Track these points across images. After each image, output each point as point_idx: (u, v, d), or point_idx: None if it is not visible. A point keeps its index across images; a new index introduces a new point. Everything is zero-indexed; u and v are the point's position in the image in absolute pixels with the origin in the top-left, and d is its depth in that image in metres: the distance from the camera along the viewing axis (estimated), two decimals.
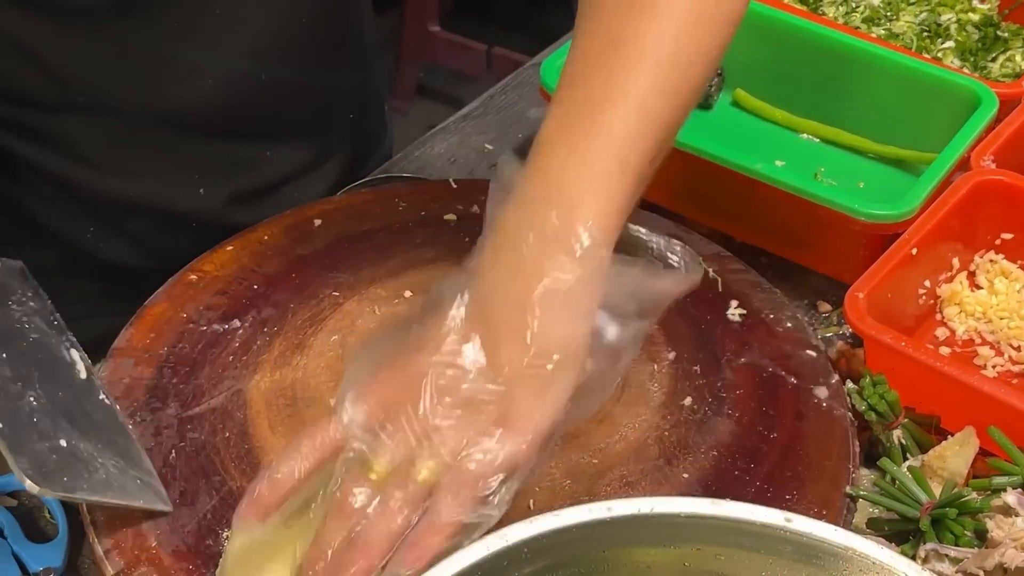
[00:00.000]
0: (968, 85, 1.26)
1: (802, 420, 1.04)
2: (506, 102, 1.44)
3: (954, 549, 0.93)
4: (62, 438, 0.93)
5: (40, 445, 0.91)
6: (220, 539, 0.94)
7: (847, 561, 0.74)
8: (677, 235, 1.20)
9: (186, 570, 0.92)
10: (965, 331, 1.16)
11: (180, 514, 0.95)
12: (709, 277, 1.16)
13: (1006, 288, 1.18)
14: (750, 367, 1.08)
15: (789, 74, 1.35)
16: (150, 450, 1.00)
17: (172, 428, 1.02)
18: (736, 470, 1.00)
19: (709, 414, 1.04)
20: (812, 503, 0.97)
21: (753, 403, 1.05)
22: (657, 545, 0.76)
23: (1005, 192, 1.18)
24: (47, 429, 0.93)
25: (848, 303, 1.07)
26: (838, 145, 1.34)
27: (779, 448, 1.02)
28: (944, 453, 1.01)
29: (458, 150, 1.38)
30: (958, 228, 1.17)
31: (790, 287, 1.20)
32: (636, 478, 0.99)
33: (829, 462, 1.01)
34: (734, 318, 1.12)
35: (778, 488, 0.98)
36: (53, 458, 0.91)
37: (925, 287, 1.16)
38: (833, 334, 1.17)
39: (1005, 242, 1.20)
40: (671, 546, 0.76)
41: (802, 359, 1.09)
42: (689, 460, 1.00)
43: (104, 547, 0.93)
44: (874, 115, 1.32)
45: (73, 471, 0.91)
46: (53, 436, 0.92)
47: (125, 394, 1.04)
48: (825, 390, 1.06)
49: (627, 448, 1.01)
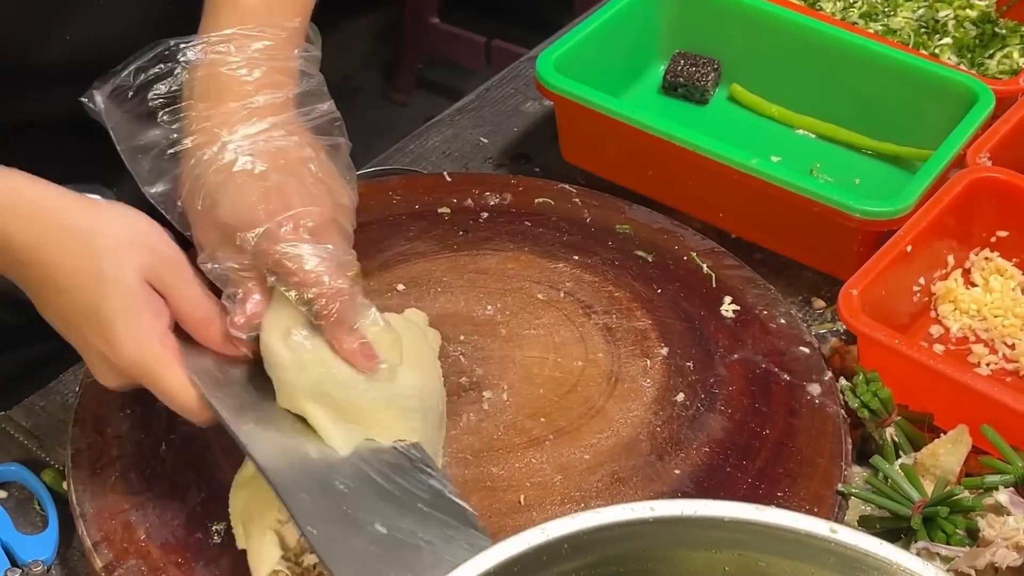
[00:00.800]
0: (964, 82, 1.26)
1: (795, 417, 1.03)
2: (501, 95, 1.44)
3: (945, 548, 0.93)
4: (378, 523, 0.85)
5: (357, 540, 0.84)
6: (209, 532, 0.93)
7: (890, 575, 0.73)
8: (670, 230, 1.20)
9: (175, 563, 0.92)
10: (959, 329, 1.15)
11: (169, 507, 0.95)
12: (703, 272, 1.16)
13: (1001, 286, 1.17)
14: (743, 363, 1.08)
15: (786, 69, 1.35)
16: (140, 442, 0.99)
17: (162, 421, 1.01)
18: (728, 466, 1.00)
19: (701, 410, 1.04)
20: (804, 500, 0.97)
21: (746, 399, 1.05)
22: (699, 548, 0.75)
23: (1001, 189, 1.18)
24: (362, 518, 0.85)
25: (842, 300, 1.07)
26: (834, 141, 1.33)
27: (771, 445, 1.01)
28: (937, 451, 1.00)
29: (453, 143, 1.37)
30: (953, 225, 1.17)
31: (784, 283, 1.20)
32: (627, 474, 0.99)
33: (821, 459, 1.00)
34: (727, 314, 1.12)
35: (770, 485, 0.98)
36: (372, 551, 0.83)
37: (920, 284, 1.16)
38: (827, 331, 1.16)
39: (1000, 239, 1.20)
40: (713, 550, 0.75)
41: (795, 356, 1.08)
42: (681, 456, 1.00)
43: (93, 539, 0.93)
44: (870, 111, 1.31)
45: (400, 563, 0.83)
46: (369, 525, 0.85)
47: None
48: (818, 387, 1.06)
49: (618, 444, 1.01)
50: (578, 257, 1.17)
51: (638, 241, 1.19)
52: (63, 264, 0.88)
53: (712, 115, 1.37)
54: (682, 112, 1.37)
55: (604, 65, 1.33)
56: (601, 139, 1.27)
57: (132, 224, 0.91)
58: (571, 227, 1.20)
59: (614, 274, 1.15)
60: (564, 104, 1.26)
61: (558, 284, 1.14)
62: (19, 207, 0.89)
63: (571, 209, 1.22)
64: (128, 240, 0.89)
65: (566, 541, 0.72)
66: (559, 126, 1.31)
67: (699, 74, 1.37)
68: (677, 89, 1.38)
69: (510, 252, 1.16)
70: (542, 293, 1.13)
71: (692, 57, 1.38)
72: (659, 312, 1.12)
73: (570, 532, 0.72)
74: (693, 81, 1.37)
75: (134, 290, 0.89)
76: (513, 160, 1.35)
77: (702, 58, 1.37)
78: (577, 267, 1.16)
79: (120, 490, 0.96)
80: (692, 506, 0.74)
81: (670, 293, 1.14)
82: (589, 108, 1.23)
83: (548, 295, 1.13)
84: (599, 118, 1.23)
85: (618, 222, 1.21)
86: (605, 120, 1.22)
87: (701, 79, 1.37)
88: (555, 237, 1.19)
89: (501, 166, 1.35)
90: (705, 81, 1.37)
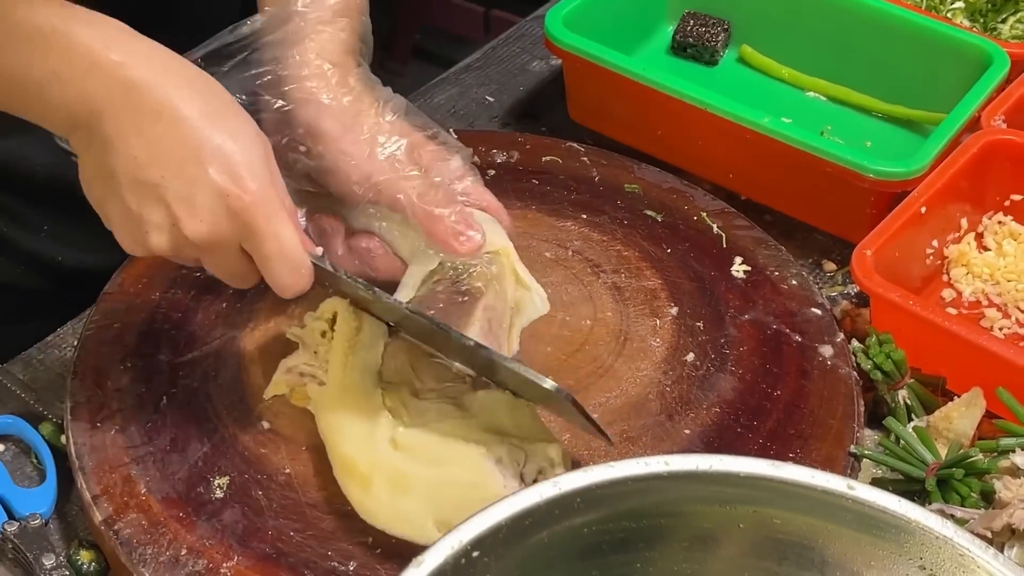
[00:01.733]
0: (979, 44, 1.24)
1: (806, 378, 1.02)
2: (508, 54, 1.42)
3: (960, 509, 0.92)
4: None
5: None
6: (211, 486, 0.92)
7: (909, 534, 0.71)
8: (680, 190, 1.19)
9: (176, 517, 0.90)
10: (972, 293, 1.14)
11: (170, 460, 0.94)
12: (713, 233, 1.14)
13: (1014, 250, 1.16)
14: (754, 324, 1.06)
15: (796, 31, 1.33)
16: (141, 396, 0.98)
17: (163, 374, 1.00)
18: (739, 427, 0.98)
19: (712, 370, 1.02)
20: (816, 461, 0.95)
21: (757, 360, 1.03)
22: (713, 505, 0.73)
23: (1015, 153, 1.16)
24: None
25: (855, 260, 1.05)
26: (845, 104, 1.32)
27: (783, 406, 1.00)
28: (950, 414, 0.99)
29: (459, 101, 1.35)
30: (967, 188, 1.15)
31: (795, 245, 1.18)
32: (636, 433, 0.97)
33: (833, 421, 0.99)
34: (738, 274, 1.10)
35: (782, 446, 0.97)
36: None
37: (933, 247, 1.14)
38: (838, 293, 1.15)
39: (1014, 203, 1.18)
40: (727, 507, 0.73)
41: (807, 317, 1.07)
42: (691, 416, 0.99)
43: (92, 493, 0.91)
44: (883, 74, 1.29)
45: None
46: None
47: (115, 339, 1.02)
48: (830, 348, 1.04)
49: (627, 403, 0.99)
50: (586, 216, 1.15)
51: (647, 200, 1.17)
52: (189, 93, 0.86)
53: (721, 77, 1.35)
54: (691, 73, 1.35)
55: (612, 24, 1.31)
56: (610, 98, 1.25)
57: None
58: (579, 185, 1.18)
59: (623, 233, 1.13)
60: (573, 61, 1.24)
61: (566, 242, 1.12)
62: (133, 35, 0.87)
63: (579, 167, 1.20)
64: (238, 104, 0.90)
65: (579, 495, 0.71)
66: (567, 85, 1.29)
67: (709, 34, 1.35)
68: (686, 50, 1.36)
69: (517, 210, 1.14)
70: (550, 251, 1.11)
71: (702, 17, 1.36)
72: (669, 272, 1.10)
73: (583, 486, 0.71)
74: (703, 42, 1.35)
75: (260, 138, 0.88)
76: (519, 119, 1.33)
77: (712, 18, 1.35)
78: (585, 226, 1.14)
79: (120, 444, 0.95)
80: (707, 461, 0.73)
81: (680, 253, 1.12)
82: (598, 65, 1.21)
83: (556, 253, 1.11)
84: (608, 76, 1.21)
85: (627, 181, 1.19)
86: (615, 78, 1.20)
87: (711, 40, 1.35)
88: (563, 196, 1.17)
89: (507, 125, 1.33)
90: (715, 42, 1.35)
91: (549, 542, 0.70)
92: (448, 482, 0.88)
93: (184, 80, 0.86)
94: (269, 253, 0.87)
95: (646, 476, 0.72)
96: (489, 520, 0.68)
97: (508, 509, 0.69)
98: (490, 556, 0.67)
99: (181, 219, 0.85)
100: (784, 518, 0.74)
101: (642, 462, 0.72)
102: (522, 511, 0.69)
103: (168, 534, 0.89)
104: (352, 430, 0.91)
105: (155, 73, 0.85)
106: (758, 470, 0.73)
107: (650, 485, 0.72)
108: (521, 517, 0.69)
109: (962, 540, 0.70)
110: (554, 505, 0.70)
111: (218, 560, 0.88)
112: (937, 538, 0.71)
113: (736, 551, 0.73)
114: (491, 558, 0.67)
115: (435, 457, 0.89)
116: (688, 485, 0.73)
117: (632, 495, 0.72)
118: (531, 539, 0.69)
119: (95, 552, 0.92)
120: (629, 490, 0.72)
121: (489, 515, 0.68)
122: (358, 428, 0.91)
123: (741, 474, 0.73)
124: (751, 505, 0.74)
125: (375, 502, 0.89)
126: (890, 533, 0.72)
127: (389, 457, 0.89)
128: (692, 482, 0.73)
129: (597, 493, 0.71)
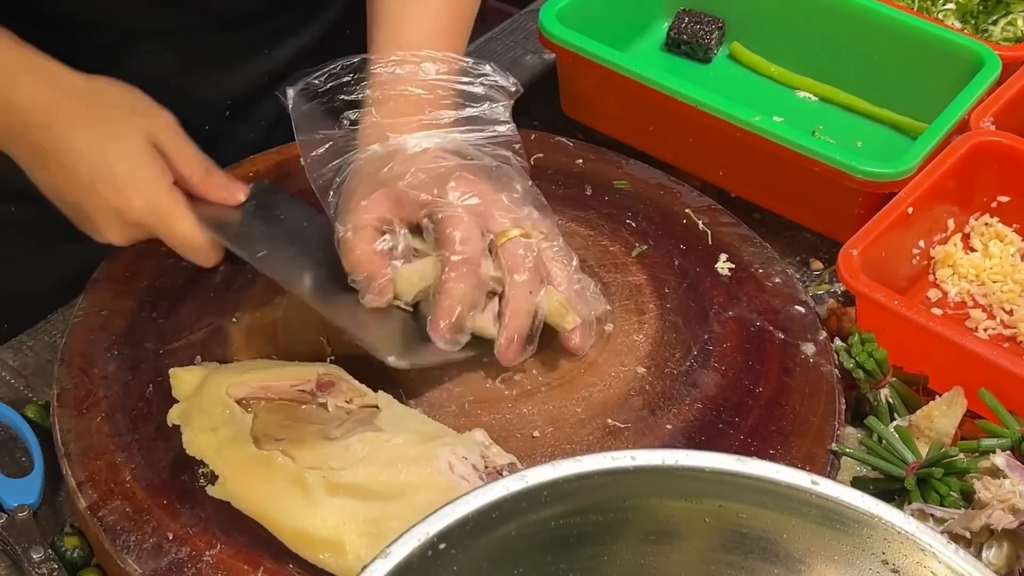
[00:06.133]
0: (970, 46, 1.24)
1: (788, 375, 1.02)
2: (501, 48, 1.42)
3: (940, 509, 0.92)
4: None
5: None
6: (196, 475, 0.92)
7: (872, 528, 0.72)
8: (668, 186, 1.19)
9: (160, 504, 0.91)
10: (957, 293, 1.14)
11: (155, 448, 0.94)
12: (699, 229, 1.14)
13: (1000, 251, 1.16)
14: (737, 321, 1.07)
15: (790, 30, 1.33)
16: (127, 383, 0.98)
17: (150, 363, 1.00)
18: (720, 423, 0.99)
19: (695, 366, 1.03)
20: (796, 458, 0.96)
21: (739, 356, 1.04)
22: (679, 498, 0.74)
23: (1003, 154, 1.16)
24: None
25: (842, 259, 1.06)
26: (835, 104, 1.32)
27: (764, 402, 1.00)
28: (931, 413, 0.99)
29: None
30: (955, 189, 1.16)
31: (783, 244, 1.18)
32: (619, 428, 0.98)
33: (814, 418, 0.99)
34: (723, 271, 1.11)
35: (762, 442, 0.97)
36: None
37: (919, 247, 1.15)
38: (825, 292, 1.15)
39: (1001, 205, 1.19)
40: (693, 500, 0.74)
41: (790, 314, 1.07)
42: (673, 412, 0.99)
43: (77, 479, 0.92)
44: (874, 74, 1.30)
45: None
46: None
47: (103, 327, 1.03)
48: (812, 346, 1.05)
49: (610, 397, 1.00)
50: (573, 211, 1.15)
51: (634, 196, 1.18)
52: (75, 128, 0.99)
53: (714, 74, 1.36)
54: (684, 70, 1.35)
55: (607, 20, 1.31)
56: (603, 93, 1.25)
57: (131, 92, 1.02)
58: (567, 180, 1.19)
59: (609, 228, 1.14)
60: (566, 56, 1.24)
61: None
62: (36, 74, 0.99)
63: (567, 163, 1.21)
64: (131, 107, 1.01)
65: (546, 488, 0.72)
66: (560, 79, 1.30)
67: (703, 32, 1.35)
68: (680, 47, 1.36)
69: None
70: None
71: (696, 15, 1.36)
72: (654, 268, 1.11)
73: (550, 479, 0.72)
74: (697, 39, 1.35)
75: (143, 149, 0.99)
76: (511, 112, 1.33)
77: (706, 16, 1.36)
78: (571, 220, 1.14)
79: (105, 431, 0.95)
80: (673, 456, 0.74)
81: (665, 249, 1.12)
82: (592, 61, 1.22)
83: None
84: (601, 71, 1.21)
85: (615, 177, 1.20)
86: (607, 73, 1.21)
87: (705, 37, 1.35)
88: (550, 190, 1.17)
89: None
90: (709, 39, 1.35)
91: (516, 535, 0.70)
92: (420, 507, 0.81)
93: (69, 117, 0.99)
94: (174, 245, 1.02)
95: (612, 470, 0.73)
96: (456, 513, 0.69)
97: (475, 502, 0.70)
98: (457, 548, 0.68)
99: (101, 231, 1.01)
100: (749, 513, 0.74)
101: (608, 456, 0.73)
102: (489, 504, 0.70)
103: (152, 521, 0.90)
104: (281, 503, 0.88)
105: (45, 114, 0.98)
106: (723, 465, 0.74)
107: (617, 479, 0.73)
108: (488, 510, 0.70)
109: (924, 535, 0.71)
110: (521, 498, 0.71)
111: (201, 548, 0.88)
112: (899, 533, 0.71)
113: (702, 544, 0.74)
114: (458, 550, 0.68)
115: (391, 488, 0.87)
116: (654, 479, 0.73)
117: (599, 489, 0.73)
118: (498, 532, 0.70)
119: (80, 539, 0.93)
120: (596, 484, 0.73)
121: (456, 508, 0.69)
122: (287, 499, 0.88)
123: (707, 469, 0.73)
124: (717, 500, 0.74)
125: (357, 560, 0.85)
126: (853, 528, 0.73)
127: (344, 508, 0.86)
128: (658, 477, 0.73)
129: (564, 487, 0.72)
